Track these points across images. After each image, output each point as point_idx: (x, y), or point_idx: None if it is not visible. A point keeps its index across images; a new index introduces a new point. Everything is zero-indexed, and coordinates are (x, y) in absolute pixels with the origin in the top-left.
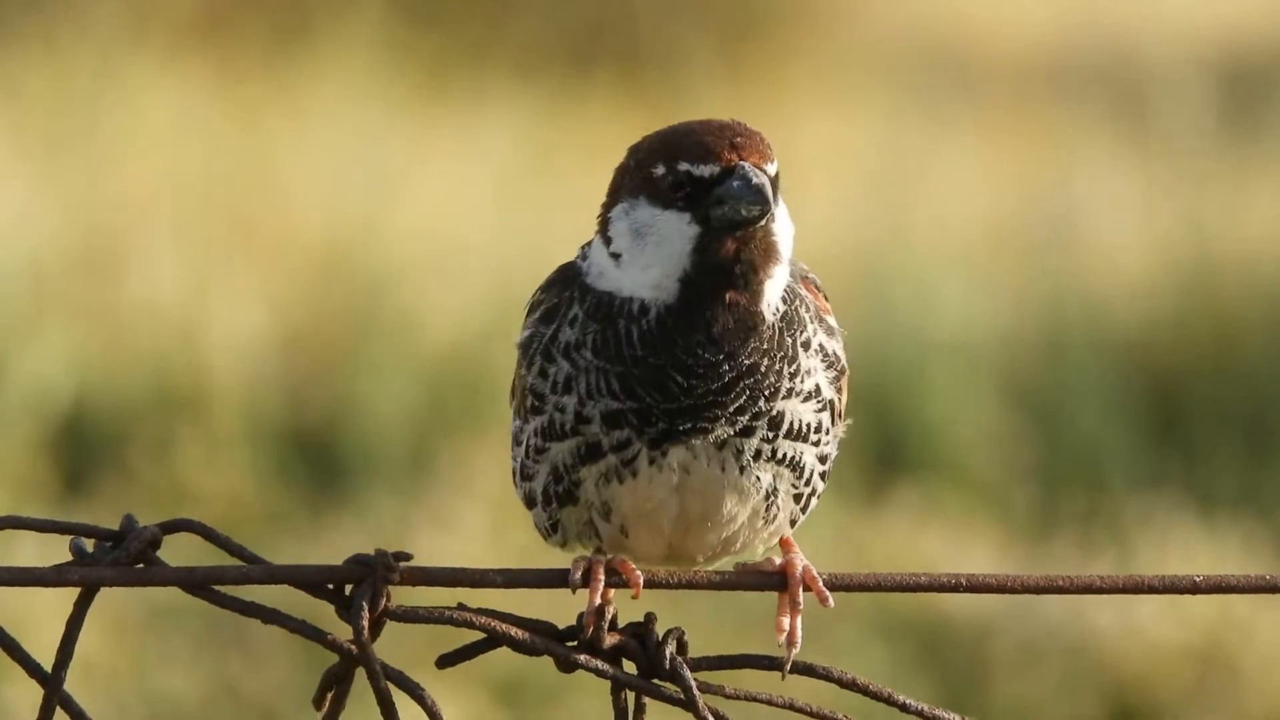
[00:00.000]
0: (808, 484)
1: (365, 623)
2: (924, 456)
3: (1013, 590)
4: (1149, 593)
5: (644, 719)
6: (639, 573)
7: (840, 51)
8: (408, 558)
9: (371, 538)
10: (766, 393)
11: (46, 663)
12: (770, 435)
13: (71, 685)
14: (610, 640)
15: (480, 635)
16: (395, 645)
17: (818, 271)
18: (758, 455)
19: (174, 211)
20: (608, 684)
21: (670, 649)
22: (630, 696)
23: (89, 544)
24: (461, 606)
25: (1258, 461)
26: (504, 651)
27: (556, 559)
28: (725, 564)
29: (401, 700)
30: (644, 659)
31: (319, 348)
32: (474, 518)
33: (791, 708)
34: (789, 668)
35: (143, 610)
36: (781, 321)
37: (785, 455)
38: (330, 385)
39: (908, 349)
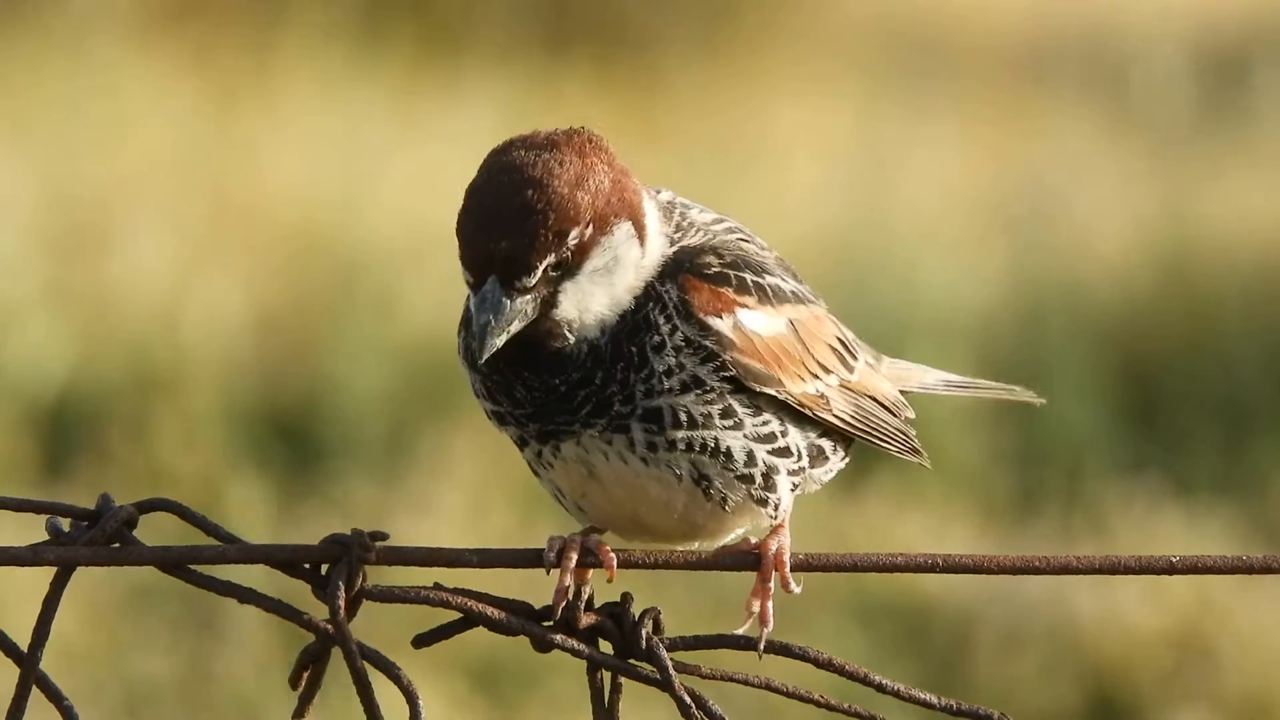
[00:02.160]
0: (751, 466)
1: (341, 602)
2: None
3: (989, 570)
4: (1125, 573)
5: (620, 699)
6: (613, 555)
7: (818, 35)
8: (384, 537)
9: (348, 520)
10: (620, 397)
11: (23, 643)
12: (654, 428)
13: (48, 666)
14: (586, 620)
15: (457, 615)
16: (372, 625)
17: (796, 256)
18: (654, 447)
19: (152, 195)
20: (584, 664)
21: (646, 629)
22: (606, 677)
23: (65, 523)
24: (438, 586)
25: (1236, 445)
26: (480, 632)
27: (534, 540)
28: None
29: (378, 680)
30: (620, 639)
31: (296, 331)
32: (451, 501)
33: (768, 688)
34: (763, 646)
35: (120, 591)
36: (622, 335)
37: (696, 444)
38: (307, 368)
39: (887, 332)
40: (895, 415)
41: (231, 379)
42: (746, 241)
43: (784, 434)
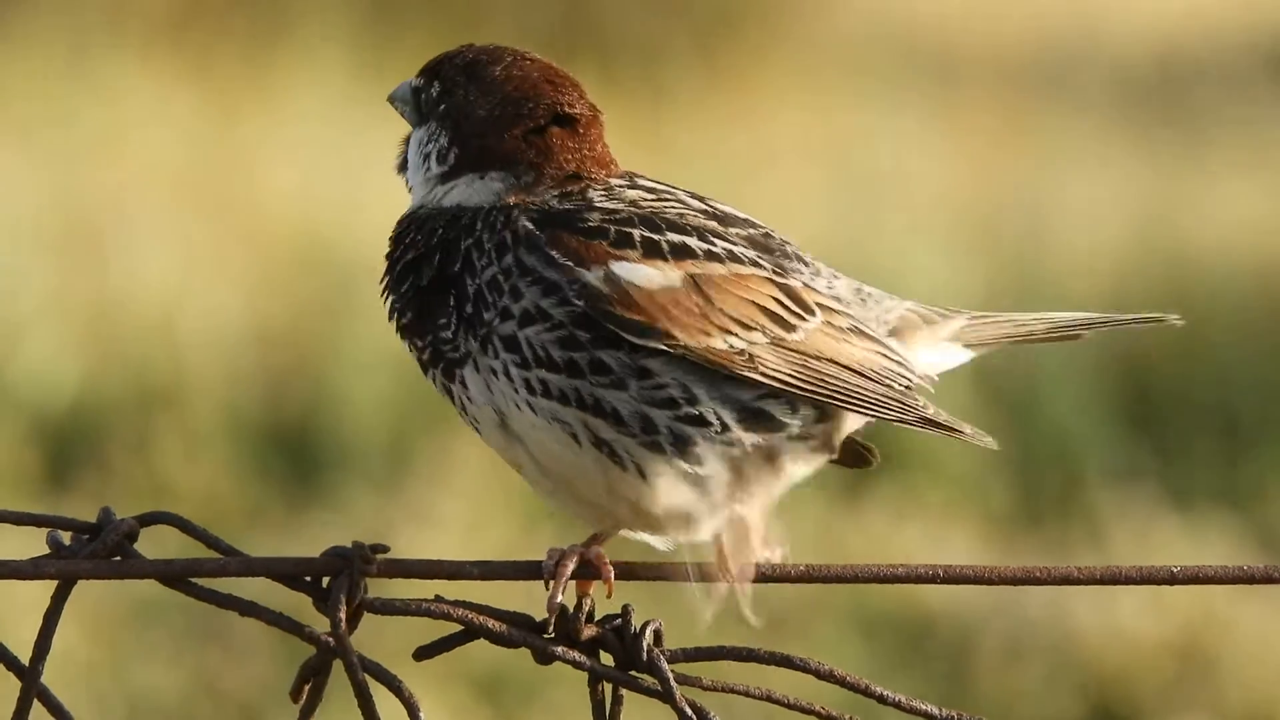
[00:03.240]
0: (653, 433)
1: (342, 614)
2: (901, 451)
3: (990, 581)
4: (1126, 583)
5: (621, 711)
6: (611, 567)
7: (815, 45)
8: (385, 550)
9: (350, 532)
10: (461, 297)
11: (24, 656)
12: (517, 360)
13: (50, 679)
14: (587, 632)
15: (458, 627)
16: (373, 638)
17: None
18: (532, 390)
19: (152, 205)
20: (585, 676)
21: (647, 641)
22: (607, 689)
23: (66, 537)
24: (439, 598)
25: (1233, 454)
26: (482, 644)
27: (535, 552)
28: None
29: (379, 693)
30: (621, 651)
31: (296, 342)
32: (452, 512)
33: (769, 699)
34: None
35: (122, 605)
36: (449, 227)
37: (572, 396)
38: (308, 379)
39: None
40: (874, 381)
41: (232, 391)
42: (687, 214)
43: (689, 400)
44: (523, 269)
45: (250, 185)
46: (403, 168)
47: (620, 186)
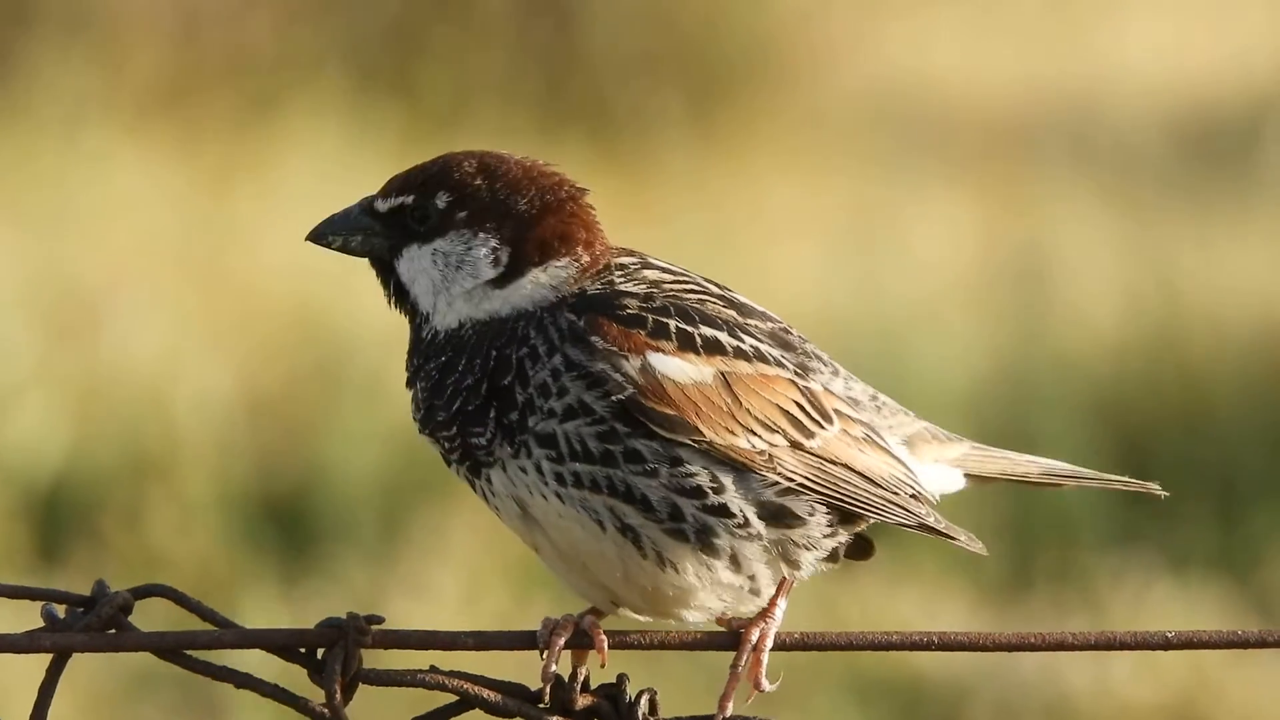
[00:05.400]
0: (679, 521)
1: (338, 686)
2: None
3: (985, 648)
4: (1121, 649)
5: None
6: (604, 637)
7: (811, 112)
8: (380, 620)
9: (344, 603)
10: (503, 406)
11: None
12: (554, 455)
13: None
14: (583, 701)
15: (453, 698)
16: (368, 709)
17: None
18: (562, 480)
19: (144, 278)
20: None
21: (643, 709)
22: None
23: (60, 610)
24: (434, 669)
25: (1229, 520)
26: (477, 714)
27: (530, 622)
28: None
29: None
30: (617, 719)
31: (289, 413)
32: (447, 583)
33: None
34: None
35: (117, 678)
36: (488, 335)
37: (603, 484)
38: (300, 450)
39: None
40: (882, 488)
41: (225, 462)
42: (707, 300)
43: (717, 490)
44: (569, 364)
45: (242, 257)
46: (401, 296)
47: (635, 265)
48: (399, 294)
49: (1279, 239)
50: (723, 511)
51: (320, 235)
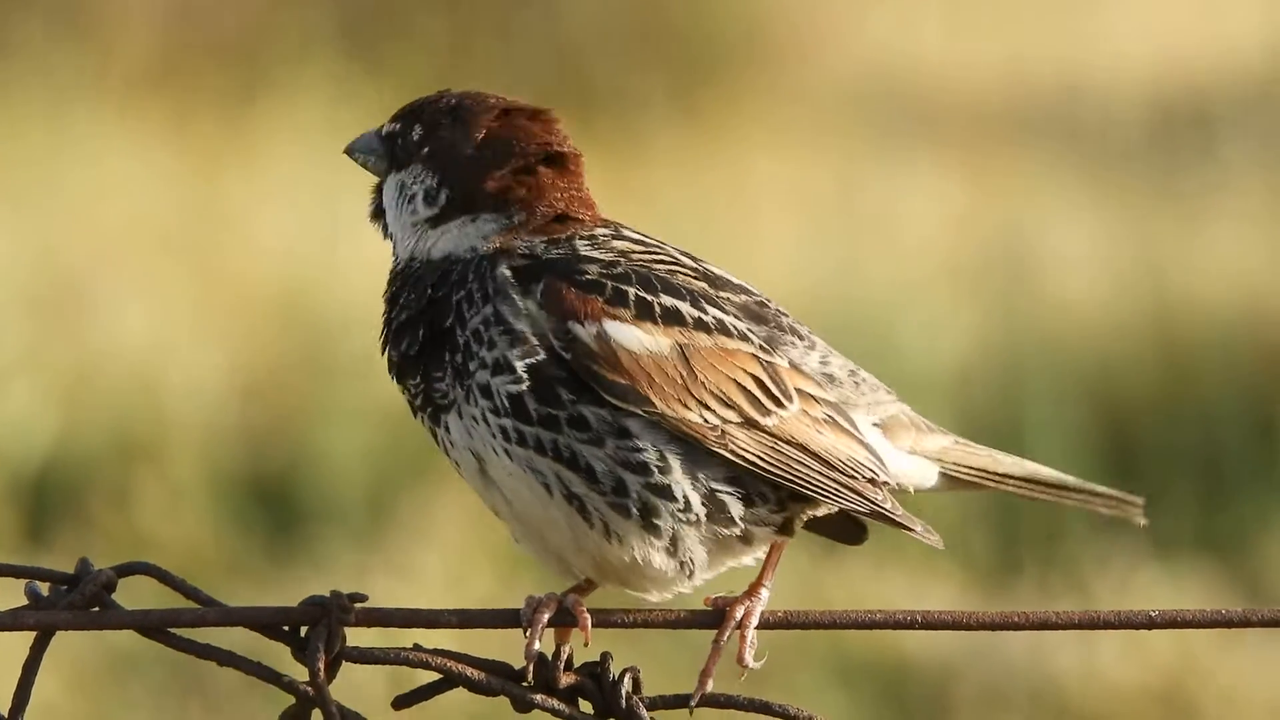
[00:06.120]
0: (623, 495)
1: (321, 664)
2: None
3: (969, 627)
4: (1105, 628)
5: None
6: (588, 615)
7: (795, 92)
8: (363, 599)
9: (329, 585)
10: (449, 346)
11: (3, 708)
12: (491, 408)
13: None
14: (566, 680)
15: (436, 676)
16: (351, 687)
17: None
18: (507, 436)
19: (132, 261)
20: None
21: (626, 687)
22: None
23: (44, 588)
24: (417, 647)
25: (1215, 504)
26: (461, 693)
27: (515, 603)
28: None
29: None
30: (600, 698)
31: (277, 395)
32: (432, 565)
33: None
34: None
35: (101, 657)
36: (438, 271)
37: (548, 447)
38: (288, 433)
39: None
40: (838, 471)
41: (213, 444)
42: (678, 270)
43: (663, 469)
44: (497, 318)
45: (231, 239)
46: (377, 214)
47: (606, 236)
48: (379, 218)
49: (1265, 223)
50: (666, 493)
51: (351, 150)
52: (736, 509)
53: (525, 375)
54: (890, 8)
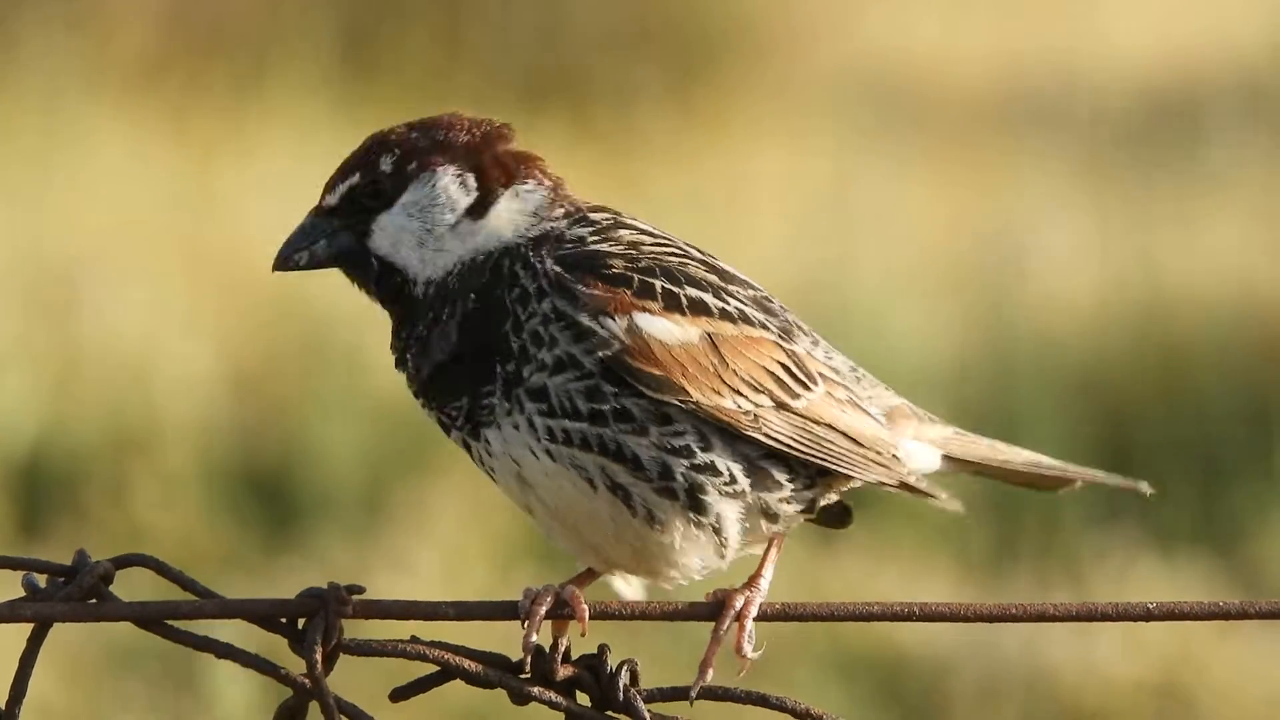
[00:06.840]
0: (669, 479)
1: (319, 656)
2: (878, 494)
3: (966, 618)
4: (1102, 620)
5: None
6: (585, 606)
7: (790, 85)
8: (360, 591)
9: (326, 577)
10: (497, 354)
11: (0, 701)
12: (544, 410)
13: None
14: (563, 672)
15: (434, 668)
16: (349, 680)
17: None
18: (553, 437)
19: (126, 253)
20: (562, 717)
21: (624, 680)
22: None
23: (41, 580)
24: (415, 639)
25: (1212, 496)
26: (458, 685)
27: (511, 596)
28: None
29: None
30: (598, 691)
31: (272, 388)
32: (429, 558)
33: None
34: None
35: (99, 650)
36: (471, 279)
37: (594, 442)
38: (283, 425)
39: None
40: (866, 447)
41: (207, 437)
42: (689, 263)
43: (705, 449)
44: (558, 314)
45: (225, 232)
46: (387, 272)
47: (607, 222)
48: (384, 270)
49: (1259, 215)
50: (711, 470)
51: (285, 259)
52: (773, 480)
53: (594, 369)
54: (885, 2)
